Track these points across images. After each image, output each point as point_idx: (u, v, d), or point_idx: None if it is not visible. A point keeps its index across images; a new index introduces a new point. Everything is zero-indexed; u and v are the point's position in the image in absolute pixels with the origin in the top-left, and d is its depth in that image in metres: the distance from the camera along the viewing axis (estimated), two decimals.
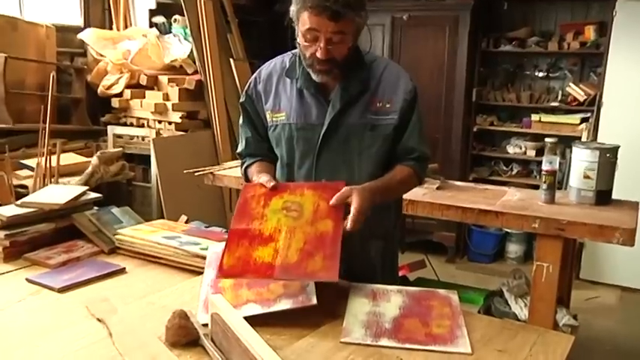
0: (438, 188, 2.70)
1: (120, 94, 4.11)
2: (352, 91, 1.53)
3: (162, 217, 3.37)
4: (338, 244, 1.30)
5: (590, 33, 4.11)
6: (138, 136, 4.11)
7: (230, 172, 3.06)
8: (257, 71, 1.68)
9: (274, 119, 1.61)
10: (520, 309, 2.67)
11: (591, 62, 4.27)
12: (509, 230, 4.22)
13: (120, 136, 4.15)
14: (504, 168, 4.56)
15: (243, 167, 1.71)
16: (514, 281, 2.80)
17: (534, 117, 4.32)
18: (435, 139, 4.19)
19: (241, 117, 1.72)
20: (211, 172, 3.06)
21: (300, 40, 1.47)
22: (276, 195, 1.44)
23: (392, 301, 1.36)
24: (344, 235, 1.33)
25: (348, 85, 1.53)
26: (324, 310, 1.30)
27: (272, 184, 1.46)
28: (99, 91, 4.09)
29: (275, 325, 1.23)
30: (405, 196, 1.84)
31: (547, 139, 2.47)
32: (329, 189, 1.42)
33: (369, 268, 1.61)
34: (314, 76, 1.50)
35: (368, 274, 1.58)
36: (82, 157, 3.63)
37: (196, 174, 3.07)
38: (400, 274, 2.11)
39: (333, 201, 1.39)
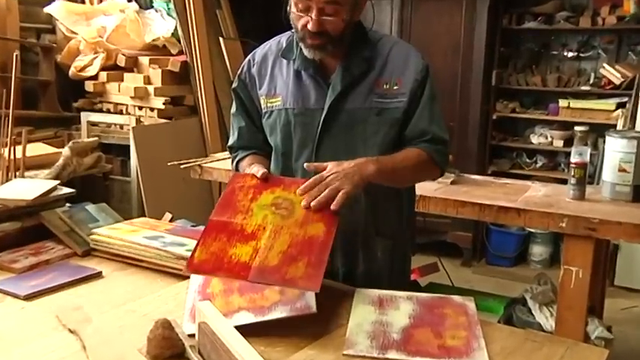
0: (452, 183, 2.70)
1: (94, 77, 4.11)
2: (355, 72, 1.53)
3: (144, 215, 3.37)
4: (326, 252, 1.30)
5: (629, 5, 4.02)
6: (115, 124, 4.11)
7: (220, 164, 3.06)
8: (251, 54, 1.69)
9: (269, 105, 1.62)
10: (545, 319, 2.68)
11: (630, 39, 4.24)
12: (532, 230, 4.23)
13: (95, 124, 4.15)
14: (528, 160, 4.56)
15: (235, 161, 1.72)
16: (538, 287, 2.80)
17: (562, 103, 4.31)
18: (449, 127, 4.14)
19: (233, 105, 1.72)
20: (199, 165, 3.06)
21: (292, 9, 1.48)
22: (267, 189, 1.45)
23: (401, 308, 1.36)
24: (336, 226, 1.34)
25: (350, 65, 1.53)
26: (325, 319, 1.31)
27: (262, 171, 1.47)
28: (70, 72, 4.09)
29: (270, 335, 1.23)
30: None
31: (577, 128, 2.47)
32: None
33: (374, 271, 1.62)
34: (306, 52, 1.51)
35: (373, 278, 1.59)
36: (51, 148, 3.63)
37: (182, 166, 3.07)
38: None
39: (308, 165, 1.44)
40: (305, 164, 1.47)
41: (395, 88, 1.53)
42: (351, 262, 1.62)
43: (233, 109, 1.72)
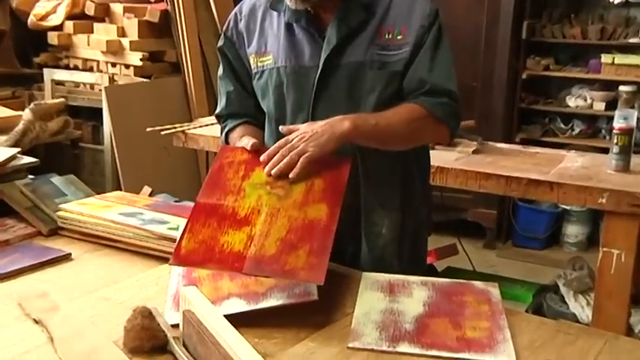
0: (474, 152, 2.70)
1: (59, 27, 4.08)
2: (352, 22, 1.52)
3: (119, 189, 3.39)
4: (330, 238, 1.31)
5: None
6: (85, 84, 4.10)
7: (207, 130, 3.06)
8: (237, 6, 1.68)
9: (259, 64, 1.62)
10: (581, 308, 2.70)
11: None
12: (567, 207, 4.24)
13: (60, 83, 4.13)
14: (563, 126, 4.55)
15: (224, 132, 1.72)
16: (573, 273, 2.82)
17: (605, 58, 4.27)
18: (471, 88, 4.18)
19: (220, 67, 1.72)
20: (182, 131, 3.07)
21: None
22: (260, 165, 1.45)
23: (414, 295, 1.37)
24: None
25: (347, 14, 1.52)
26: (328, 307, 1.32)
27: (252, 142, 1.47)
28: (29, 21, 4.05)
29: (265, 325, 1.24)
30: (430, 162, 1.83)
31: (622, 88, 2.47)
32: (329, 164, 1.43)
33: (379, 251, 1.63)
34: (288, 1, 1.51)
35: (379, 260, 1.60)
36: (9, 110, 3.61)
37: (163, 133, 3.07)
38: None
39: (282, 128, 1.47)
40: (280, 127, 1.48)
41: (399, 38, 1.52)
42: (354, 242, 1.63)
43: (220, 72, 1.72)
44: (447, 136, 1.60)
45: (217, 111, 1.74)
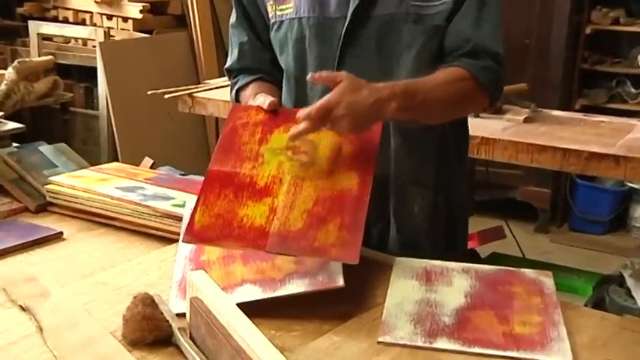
0: (525, 120, 2.68)
1: None
2: None
3: (116, 160, 3.41)
4: (363, 209, 1.32)
5: None
6: (76, 39, 4.12)
7: (216, 93, 3.06)
8: None
9: (278, 13, 1.61)
10: None
11: None
12: (635, 185, 4.20)
13: (48, 38, 4.16)
14: (633, 90, 4.49)
15: (235, 89, 1.72)
16: None
17: None
18: (523, 46, 4.14)
19: (233, 13, 1.71)
20: (189, 94, 3.07)
21: None
22: (279, 126, 1.46)
23: (454, 284, 1.38)
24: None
25: None
26: (355, 296, 1.32)
27: (270, 100, 1.47)
28: None
29: (283, 316, 1.26)
30: (473, 133, 1.83)
31: None
32: None
33: (410, 233, 1.63)
34: None
35: (409, 243, 1.61)
36: None
37: (166, 96, 3.08)
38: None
39: (312, 75, 1.42)
40: (308, 75, 1.45)
41: None
42: (382, 223, 1.63)
43: (232, 19, 1.72)
44: (486, 104, 1.60)
45: (228, 64, 1.74)
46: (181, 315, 1.21)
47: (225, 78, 2.02)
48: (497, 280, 1.39)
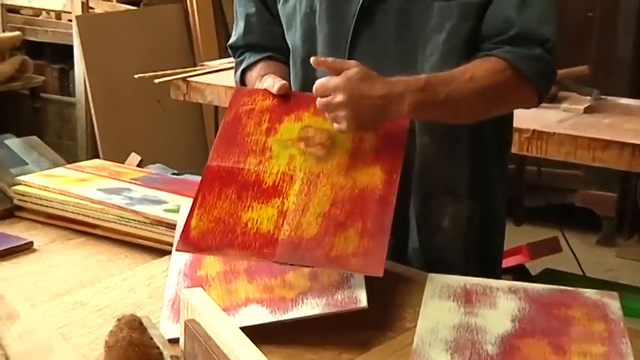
0: (586, 110, 2.68)
1: None
2: None
3: (97, 156, 3.43)
4: (389, 212, 1.33)
5: None
6: (48, 11, 4.13)
7: (216, 78, 3.07)
8: None
9: None
10: None
11: None
12: None
13: (15, 10, 4.16)
14: None
15: (240, 70, 1.74)
16: None
17: None
18: (585, 21, 4.13)
19: None
20: (183, 79, 3.08)
21: None
22: (290, 114, 1.47)
23: (500, 306, 1.37)
24: None
25: None
26: (380, 319, 1.33)
27: (279, 84, 1.48)
28: None
29: (296, 343, 1.26)
30: (522, 125, 1.82)
31: None
32: None
33: (437, 251, 1.64)
34: None
35: (435, 262, 1.61)
36: None
37: (157, 81, 3.09)
38: (513, 262, 2.12)
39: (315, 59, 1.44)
40: (312, 58, 1.45)
41: None
42: (400, 233, 1.63)
43: None
44: (534, 102, 1.58)
45: (232, 40, 1.76)
46: (174, 341, 1.22)
47: (227, 59, 2.04)
48: (551, 302, 1.39)
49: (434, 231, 1.64)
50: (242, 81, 1.72)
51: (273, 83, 1.50)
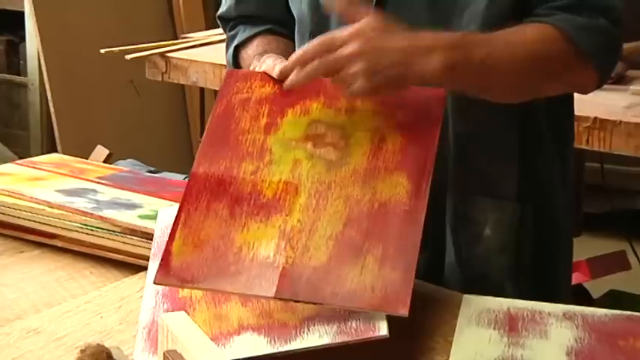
0: None
1: None
2: None
3: (55, 150, 3.44)
4: (417, 233, 1.31)
5: None
6: None
7: (202, 53, 3.09)
8: None
9: None
10: None
11: None
12: None
13: None
14: None
15: (232, 46, 1.74)
16: None
17: None
18: None
19: None
20: (161, 54, 3.10)
21: None
22: (294, 105, 1.47)
23: (552, 336, 1.37)
24: None
25: None
26: (404, 350, 1.33)
27: (282, 65, 1.46)
28: None
29: None
30: (581, 112, 1.82)
31: None
32: (409, 100, 1.44)
33: (478, 266, 1.65)
34: None
35: (477, 279, 1.62)
36: None
37: (128, 57, 3.10)
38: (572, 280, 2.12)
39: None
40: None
41: None
42: (433, 246, 1.62)
43: None
44: (593, 84, 1.58)
45: (222, 10, 1.77)
46: None
47: (216, 30, 2.03)
48: (616, 332, 1.38)
49: (473, 240, 1.64)
50: (235, 61, 1.73)
51: (273, 65, 1.48)
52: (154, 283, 1.33)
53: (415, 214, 1.33)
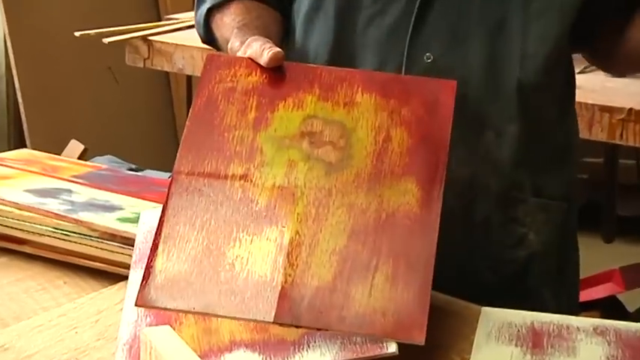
0: None
1: None
2: None
3: (24, 145, 3.45)
4: (431, 247, 1.30)
5: None
6: None
7: (190, 36, 3.06)
8: None
9: None
10: None
11: None
12: None
13: None
14: None
15: (206, 5, 1.72)
16: None
17: None
18: None
19: None
20: (143, 37, 3.11)
21: None
22: (286, 97, 1.46)
23: (581, 353, 1.37)
24: None
25: None
26: None
27: (272, 51, 1.45)
28: None
29: None
30: (607, 101, 1.83)
31: None
32: (419, 91, 1.44)
33: (518, 276, 1.66)
34: None
35: (515, 292, 1.62)
36: None
37: (106, 40, 3.10)
38: (601, 292, 2.13)
39: None
40: None
41: None
42: (457, 252, 1.62)
43: None
44: None
45: None
46: None
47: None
48: None
49: (515, 244, 1.65)
50: (206, 25, 1.72)
51: (261, 50, 1.46)
52: (136, 305, 1.31)
53: (427, 225, 1.32)
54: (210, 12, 1.70)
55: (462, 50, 1.53)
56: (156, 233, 1.34)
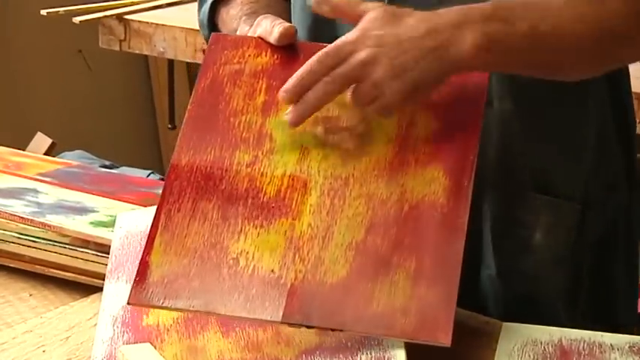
0: None
1: None
2: None
3: None
4: (459, 243, 1.31)
5: None
6: None
7: (172, 15, 3.10)
8: None
9: None
10: None
11: None
12: None
13: None
14: None
15: (207, 7, 1.75)
16: None
17: None
18: None
19: None
20: (118, 16, 3.10)
21: None
22: None
23: None
24: None
25: None
26: None
27: (282, 27, 1.47)
28: None
29: None
30: (633, 87, 1.83)
31: None
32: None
33: (525, 282, 1.66)
34: None
35: (523, 300, 1.64)
36: None
37: (77, 20, 3.09)
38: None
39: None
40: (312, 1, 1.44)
41: None
42: (473, 253, 1.62)
43: None
44: None
45: None
46: None
47: None
48: None
49: (520, 250, 1.65)
50: (211, 22, 1.74)
51: (271, 27, 1.48)
52: (128, 303, 1.31)
53: (456, 218, 1.32)
54: (214, 8, 1.72)
55: None
56: (152, 225, 1.34)
